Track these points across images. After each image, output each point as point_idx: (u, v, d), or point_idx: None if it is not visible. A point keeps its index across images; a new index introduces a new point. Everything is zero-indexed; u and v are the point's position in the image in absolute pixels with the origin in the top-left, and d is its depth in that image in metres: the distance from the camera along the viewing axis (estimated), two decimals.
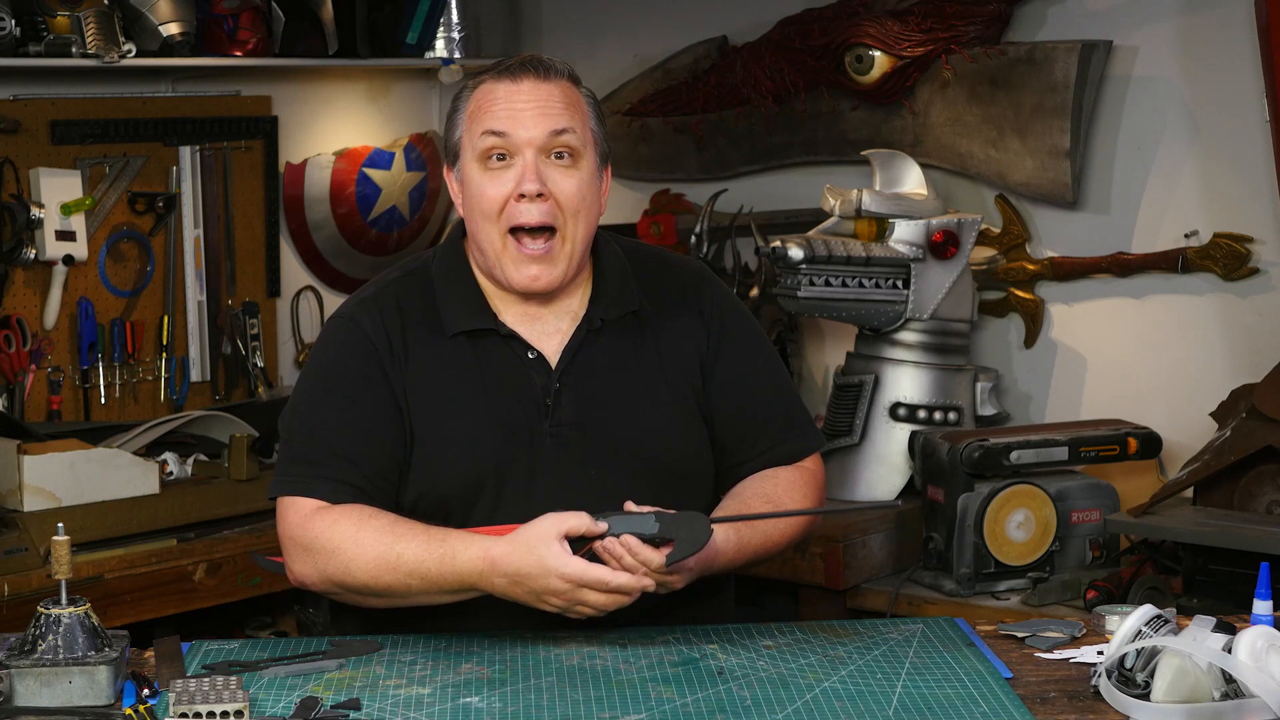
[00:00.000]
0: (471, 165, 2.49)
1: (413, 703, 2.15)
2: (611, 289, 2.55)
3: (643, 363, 2.54)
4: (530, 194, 2.44)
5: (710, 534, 2.32)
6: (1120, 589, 3.34)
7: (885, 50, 4.03)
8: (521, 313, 2.53)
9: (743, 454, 2.58)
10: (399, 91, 4.74)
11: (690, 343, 2.57)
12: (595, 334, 2.53)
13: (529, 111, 2.45)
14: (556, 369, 2.50)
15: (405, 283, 2.56)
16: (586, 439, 2.48)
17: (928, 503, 3.56)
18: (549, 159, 2.46)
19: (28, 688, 2.10)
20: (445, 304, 2.52)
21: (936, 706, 2.13)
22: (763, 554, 2.53)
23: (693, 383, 2.56)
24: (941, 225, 3.78)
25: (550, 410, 2.48)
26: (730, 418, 2.58)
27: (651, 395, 2.53)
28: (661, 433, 2.52)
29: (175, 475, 3.85)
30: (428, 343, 2.50)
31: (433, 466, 2.47)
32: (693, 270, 2.65)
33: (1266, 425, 3.35)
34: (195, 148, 4.27)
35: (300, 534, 2.41)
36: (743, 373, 2.59)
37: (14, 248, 3.90)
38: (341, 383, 2.48)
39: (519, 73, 2.48)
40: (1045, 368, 4.02)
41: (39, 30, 3.76)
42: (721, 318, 2.60)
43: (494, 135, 2.46)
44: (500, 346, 2.51)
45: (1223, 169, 3.74)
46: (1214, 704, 2.07)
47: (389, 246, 4.72)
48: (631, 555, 2.29)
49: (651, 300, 2.57)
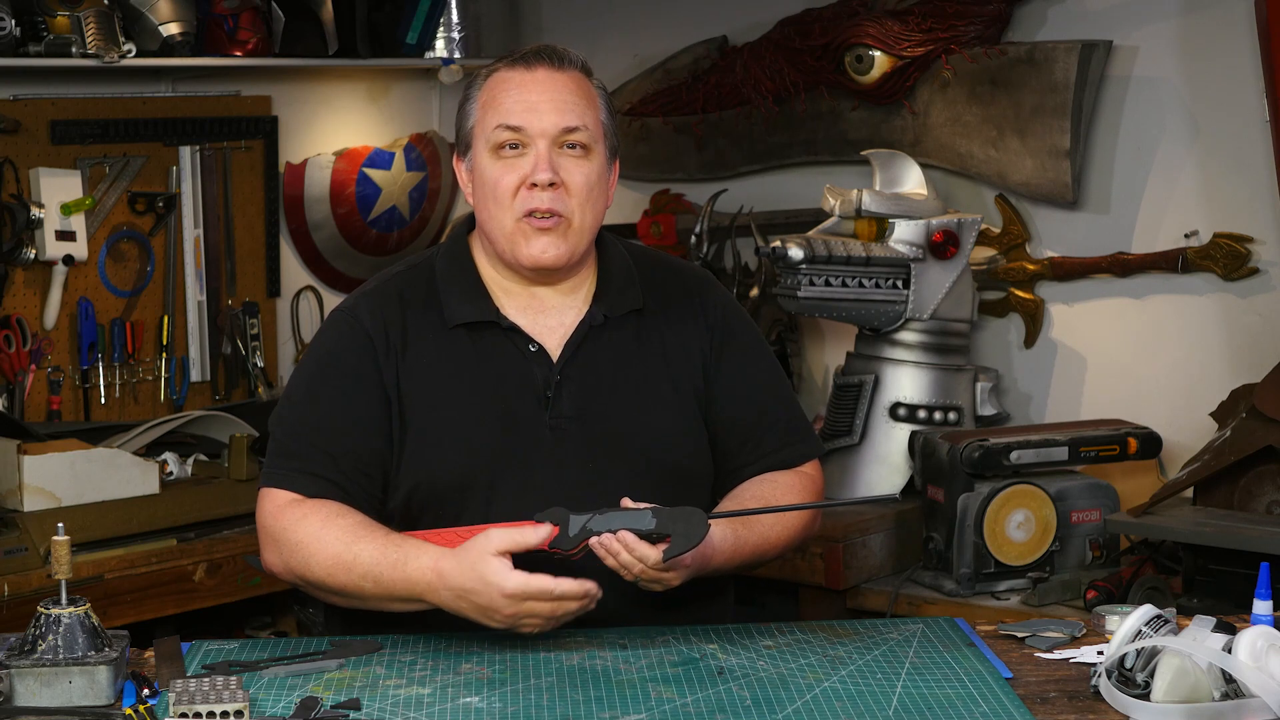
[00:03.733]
0: (484, 154, 2.50)
1: (413, 703, 2.15)
2: (615, 287, 2.56)
3: (645, 360, 2.55)
4: (544, 183, 2.45)
5: (707, 530, 2.31)
6: (1120, 589, 3.34)
7: (885, 50, 4.03)
8: (525, 306, 2.54)
9: (743, 458, 2.59)
10: (399, 91, 4.74)
11: (693, 345, 2.57)
12: (598, 329, 2.53)
13: (544, 104, 2.47)
14: (558, 362, 2.51)
15: (408, 275, 2.58)
16: (585, 432, 2.49)
17: (928, 503, 3.56)
18: (561, 149, 2.47)
19: (28, 688, 2.10)
20: (447, 297, 2.53)
21: (936, 706, 2.13)
22: (761, 555, 2.53)
23: (694, 385, 2.56)
24: (941, 225, 3.78)
25: (550, 403, 2.49)
26: (731, 422, 2.58)
27: (653, 392, 2.53)
28: (661, 430, 2.52)
29: (175, 475, 3.85)
30: (428, 334, 2.51)
31: (428, 457, 2.47)
32: (697, 275, 2.67)
33: (1266, 425, 3.35)
34: (195, 148, 4.27)
35: (271, 525, 2.44)
36: (744, 378, 2.60)
37: (14, 248, 3.90)
38: (332, 378, 2.50)
39: (533, 62, 2.49)
40: (1045, 368, 4.02)
41: (39, 30, 3.76)
42: (725, 323, 2.60)
43: (508, 129, 2.47)
44: (501, 339, 2.51)
45: (1223, 169, 3.74)
46: (1214, 704, 2.07)
47: (389, 246, 4.72)
48: (628, 551, 2.29)
49: (655, 301, 2.58)
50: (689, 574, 2.37)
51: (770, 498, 2.54)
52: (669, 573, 2.33)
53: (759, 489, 2.56)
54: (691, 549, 2.30)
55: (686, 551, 2.30)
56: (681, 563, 2.33)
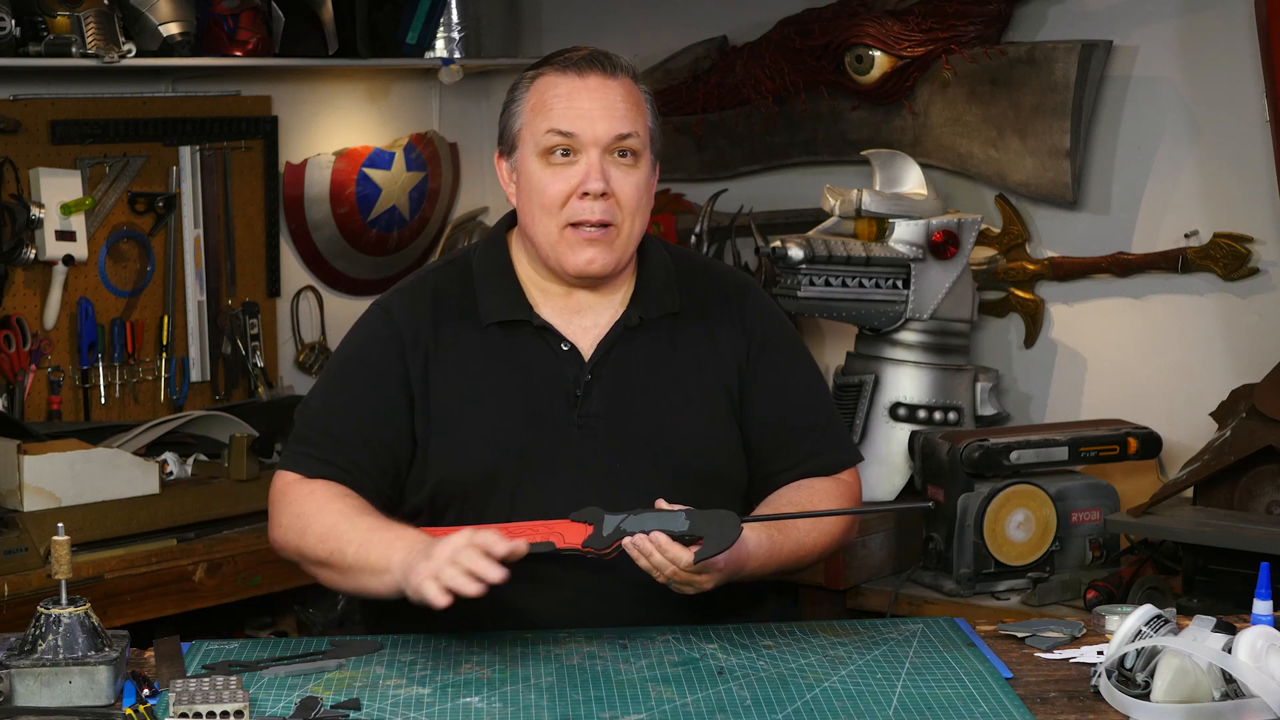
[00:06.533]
0: (531, 159, 2.50)
1: (413, 703, 2.15)
2: (653, 290, 2.57)
3: (677, 363, 2.54)
4: (595, 193, 2.46)
5: (739, 532, 2.29)
6: (1120, 589, 3.34)
7: (885, 50, 4.03)
8: (560, 307, 2.54)
9: (779, 464, 2.58)
10: (399, 91, 4.74)
11: (729, 350, 2.57)
12: (632, 331, 2.54)
13: (597, 112, 2.46)
14: (589, 361, 2.51)
15: (445, 271, 2.61)
16: (613, 431, 2.49)
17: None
18: (612, 157, 2.47)
19: (28, 688, 2.10)
20: (482, 294, 2.55)
21: (936, 706, 2.13)
22: (797, 561, 2.52)
23: (728, 388, 2.56)
24: (941, 225, 3.78)
25: (579, 401, 2.49)
26: (767, 427, 2.57)
27: (683, 395, 2.53)
28: (690, 432, 2.52)
29: (175, 475, 3.85)
30: (460, 331, 2.52)
31: (453, 452, 2.49)
32: (738, 280, 2.67)
33: (1266, 425, 3.35)
34: (195, 148, 4.27)
35: (277, 500, 2.50)
36: (782, 383, 2.59)
37: (14, 248, 3.90)
38: (355, 370, 2.54)
39: (585, 69, 2.49)
40: (1045, 368, 4.02)
41: (39, 30, 3.76)
42: (763, 328, 2.60)
43: (560, 135, 2.47)
44: (534, 338, 2.53)
45: (1223, 169, 3.74)
46: (1214, 704, 2.07)
47: (389, 246, 4.72)
48: (660, 552, 2.29)
49: (693, 305, 2.58)
50: (722, 578, 2.36)
51: (807, 504, 2.54)
52: (701, 576, 2.32)
53: (795, 495, 2.55)
54: (723, 551, 2.29)
55: (718, 554, 2.28)
56: (714, 566, 2.32)
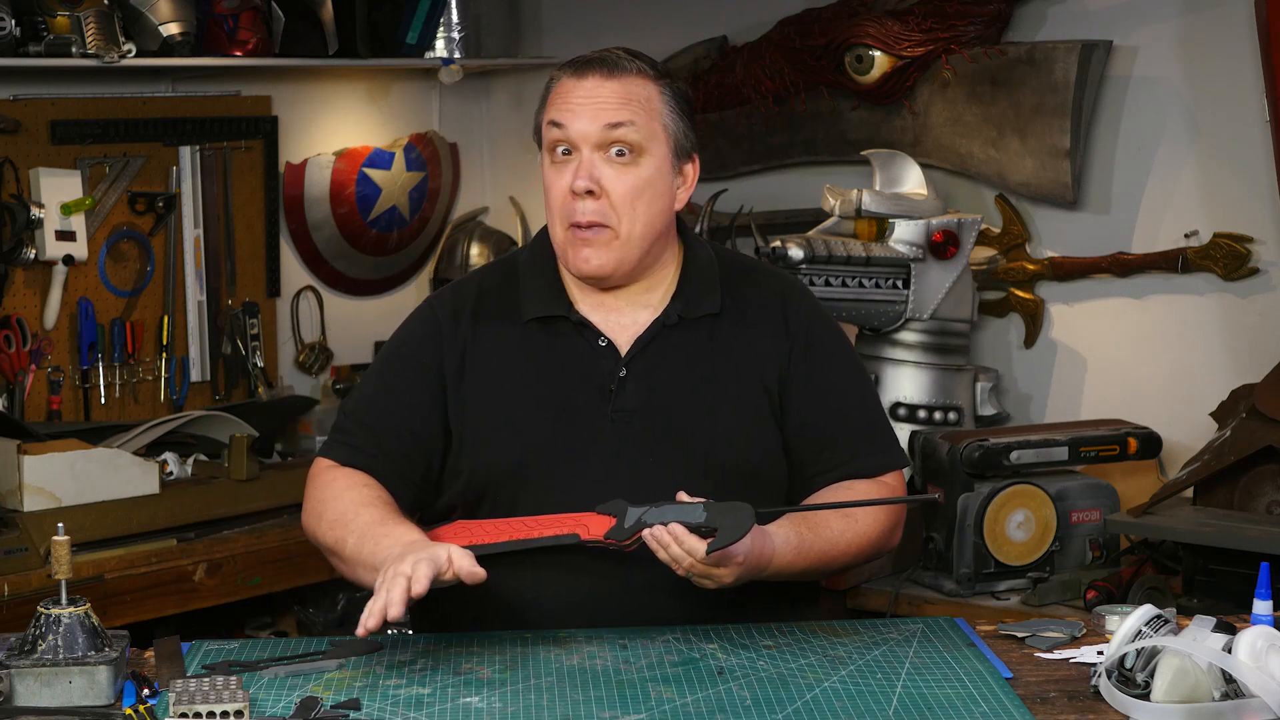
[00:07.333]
0: (544, 156, 2.54)
1: (413, 703, 2.15)
2: (695, 289, 2.57)
3: (715, 362, 2.54)
4: (580, 190, 2.47)
5: (752, 522, 2.28)
6: (1120, 589, 3.34)
7: (885, 50, 4.03)
8: (598, 303, 2.55)
9: (820, 465, 2.56)
10: (399, 91, 4.74)
11: (770, 351, 2.56)
12: (670, 329, 2.54)
13: (585, 108, 2.48)
14: (625, 356, 2.52)
15: (493, 268, 2.66)
16: (647, 426, 2.49)
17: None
18: (608, 155, 2.48)
19: (28, 688, 2.10)
20: (525, 291, 2.57)
21: (936, 706, 2.13)
22: (829, 561, 2.49)
23: (767, 389, 2.54)
24: (941, 225, 3.78)
25: (613, 395, 2.50)
26: (807, 428, 2.56)
27: (719, 393, 2.53)
28: (724, 430, 2.51)
29: (175, 475, 3.85)
30: (500, 326, 2.55)
31: (487, 444, 2.50)
32: (784, 283, 2.65)
33: (1266, 425, 3.35)
34: (195, 148, 4.27)
35: (309, 484, 2.55)
36: (825, 386, 2.57)
37: (14, 248, 3.90)
38: (394, 363, 2.60)
39: (585, 69, 2.51)
40: (1045, 368, 4.02)
41: (39, 30, 3.77)
42: (808, 330, 2.58)
43: (555, 128, 2.49)
44: (571, 333, 2.54)
45: (1223, 169, 3.74)
46: (1214, 704, 2.07)
47: (389, 246, 4.73)
48: (677, 544, 2.29)
49: (736, 306, 2.58)
50: (744, 573, 2.34)
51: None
52: (720, 569, 2.31)
53: (834, 496, 2.53)
54: (734, 542, 2.27)
55: (730, 545, 2.27)
56: (734, 559, 2.31)
